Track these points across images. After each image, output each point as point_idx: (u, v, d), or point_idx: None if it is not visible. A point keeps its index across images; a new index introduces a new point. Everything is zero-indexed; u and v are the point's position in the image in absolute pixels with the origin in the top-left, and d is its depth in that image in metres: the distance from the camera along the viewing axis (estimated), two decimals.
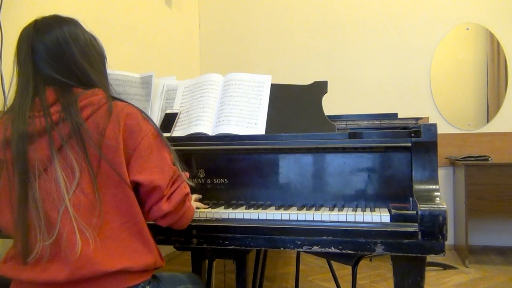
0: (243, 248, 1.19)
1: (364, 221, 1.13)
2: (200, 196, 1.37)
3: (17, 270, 0.93)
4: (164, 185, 0.99)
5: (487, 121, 3.25)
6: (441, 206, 1.08)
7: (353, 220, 1.14)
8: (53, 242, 0.90)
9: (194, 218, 1.25)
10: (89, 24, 1.12)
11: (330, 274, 2.10)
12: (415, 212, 1.10)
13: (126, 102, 1.04)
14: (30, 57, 0.99)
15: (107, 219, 0.94)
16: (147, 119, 1.03)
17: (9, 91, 1.03)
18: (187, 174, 1.11)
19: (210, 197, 1.40)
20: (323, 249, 1.14)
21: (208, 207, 1.33)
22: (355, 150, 1.31)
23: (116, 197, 0.95)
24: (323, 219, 1.16)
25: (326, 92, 1.49)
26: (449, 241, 3.20)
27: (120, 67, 1.63)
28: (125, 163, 0.96)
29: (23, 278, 0.93)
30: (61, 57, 1.00)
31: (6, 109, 1.01)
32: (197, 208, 1.29)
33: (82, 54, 1.03)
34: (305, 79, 1.64)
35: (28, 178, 0.91)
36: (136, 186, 0.99)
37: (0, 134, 0.96)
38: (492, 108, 3.26)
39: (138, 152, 0.97)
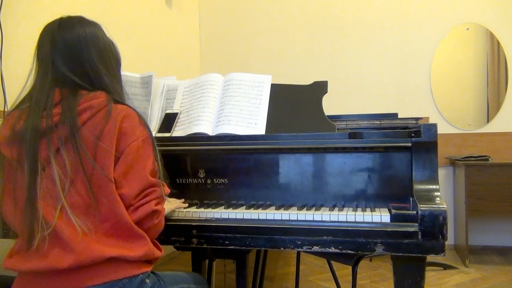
0: (243, 248, 1.20)
1: (364, 221, 1.13)
2: (182, 200, 1.37)
3: (21, 263, 0.95)
4: (131, 195, 0.98)
5: (487, 121, 3.25)
6: (441, 206, 1.08)
7: (353, 220, 1.14)
8: (52, 233, 0.92)
9: (194, 218, 1.25)
10: None
11: (330, 274, 2.10)
12: (415, 212, 1.10)
13: (127, 105, 1.04)
14: (50, 52, 1.01)
15: (101, 219, 0.96)
16: (144, 124, 1.03)
17: (25, 85, 1.04)
18: (168, 190, 1.10)
19: (210, 197, 1.40)
20: (323, 249, 1.14)
21: (189, 207, 1.33)
22: (355, 150, 1.30)
23: (108, 199, 0.96)
24: (323, 219, 1.16)
25: (326, 92, 1.49)
26: (449, 241, 3.20)
27: None
28: (113, 165, 0.97)
29: (26, 269, 0.95)
30: (78, 56, 1.03)
31: (15, 104, 1.03)
32: (178, 208, 1.29)
33: (99, 56, 1.06)
34: (305, 79, 1.64)
35: (37, 171, 0.94)
36: None
37: (7, 129, 0.98)
38: (492, 108, 3.26)
39: (125, 155, 0.98)
